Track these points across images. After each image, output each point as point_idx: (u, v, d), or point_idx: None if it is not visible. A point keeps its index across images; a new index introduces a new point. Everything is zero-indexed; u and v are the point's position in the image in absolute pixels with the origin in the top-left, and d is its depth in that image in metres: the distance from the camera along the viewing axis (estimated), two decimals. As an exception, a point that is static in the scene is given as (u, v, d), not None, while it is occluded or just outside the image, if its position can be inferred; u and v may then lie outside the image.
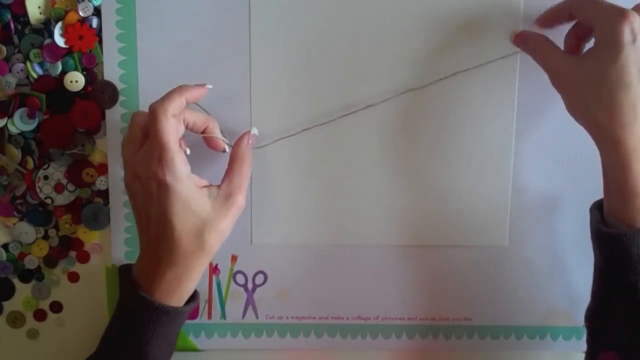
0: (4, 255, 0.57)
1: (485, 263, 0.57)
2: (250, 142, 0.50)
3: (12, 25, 0.53)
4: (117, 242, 0.56)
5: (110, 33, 0.53)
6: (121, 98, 0.54)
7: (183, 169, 0.45)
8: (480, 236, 0.56)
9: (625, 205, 0.44)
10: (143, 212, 0.46)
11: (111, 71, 0.54)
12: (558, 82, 0.47)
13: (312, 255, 0.57)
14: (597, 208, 0.48)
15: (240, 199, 0.47)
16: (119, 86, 0.54)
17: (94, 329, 0.58)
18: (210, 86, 0.49)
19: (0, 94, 0.54)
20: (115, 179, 0.55)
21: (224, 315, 0.58)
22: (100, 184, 0.56)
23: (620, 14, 0.42)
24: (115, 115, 0.54)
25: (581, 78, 0.44)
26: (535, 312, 0.57)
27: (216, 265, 0.57)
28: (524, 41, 0.51)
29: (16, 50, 0.53)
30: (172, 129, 0.45)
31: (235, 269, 0.57)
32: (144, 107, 0.54)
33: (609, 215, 0.46)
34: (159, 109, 0.45)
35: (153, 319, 0.45)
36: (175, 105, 0.46)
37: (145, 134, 0.47)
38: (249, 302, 0.58)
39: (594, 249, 0.48)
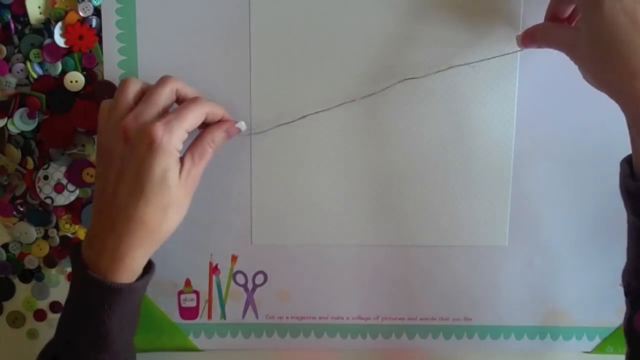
0: (4, 255, 0.57)
1: (485, 263, 0.57)
2: (228, 130, 0.49)
3: (12, 25, 0.53)
4: (117, 242, 0.56)
5: (110, 33, 0.53)
6: (121, 98, 0.54)
7: (179, 142, 0.45)
8: (480, 236, 0.56)
9: None
10: (112, 175, 0.45)
11: (111, 71, 0.54)
12: (571, 56, 0.47)
13: (312, 255, 0.57)
14: (628, 162, 0.45)
15: (198, 175, 0.47)
16: (119, 86, 0.54)
17: (94, 329, 0.58)
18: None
19: (0, 94, 0.54)
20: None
21: (224, 315, 0.58)
22: (100, 184, 0.56)
23: None
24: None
25: (584, 45, 0.44)
26: (535, 312, 0.57)
27: (216, 265, 0.57)
28: (532, 38, 0.50)
29: (16, 50, 0.53)
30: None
31: (235, 269, 0.57)
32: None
33: (638, 168, 0.44)
34: (172, 78, 0.47)
35: (107, 298, 0.44)
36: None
37: (137, 101, 0.47)
38: (249, 302, 0.58)
39: (625, 204, 0.46)
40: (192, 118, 0.46)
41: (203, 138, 0.48)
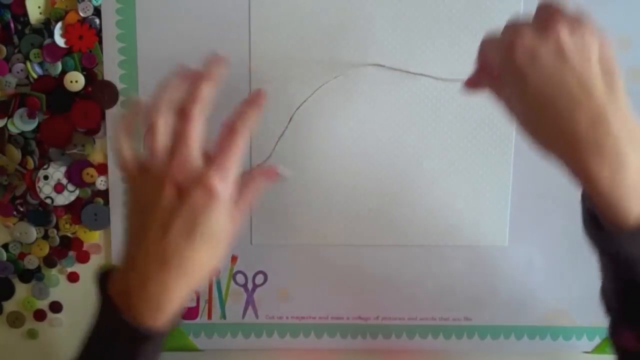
0: (4, 255, 0.57)
1: (485, 263, 0.57)
2: (270, 175, 0.45)
3: (12, 25, 0.53)
4: (117, 242, 0.56)
5: (110, 33, 0.53)
6: (121, 98, 0.54)
7: (232, 187, 0.41)
8: (480, 236, 0.56)
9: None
10: (157, 225, 0.41)
11: (111, 71, 0.54)
12: (509, 113, 0.43)
13: (312, 255, 0.57)
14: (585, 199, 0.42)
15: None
16: (119, 86, 0.54)
17: (94, 329, 0.58)
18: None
19: (0, 94, 0.54)
20: (115, 179, 0.55)
21: (224, 315, 0.58)
22: (100, 184, 0.56)
23: (507, 47, 0.38)
24: (115, 116, 0.54)
25: (514, 109, 0.41)
26: (535, 312, 0.57)
27: (216, 265, 0.57)
28: (474, 85, 0.46)
29: (16, 50, 0.53)
30: None
31: (235, 269, 0.57)
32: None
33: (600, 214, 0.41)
34: (193, 106, 0.42)
35: (136, 342, 0.41)
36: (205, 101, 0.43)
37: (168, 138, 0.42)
38: (249, 302, 0.58)
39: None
40: (239, 157, 0.42)
41: (247, 186, 0.43)
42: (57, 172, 0.55)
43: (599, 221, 0.39)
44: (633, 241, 0.38)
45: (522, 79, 0.38)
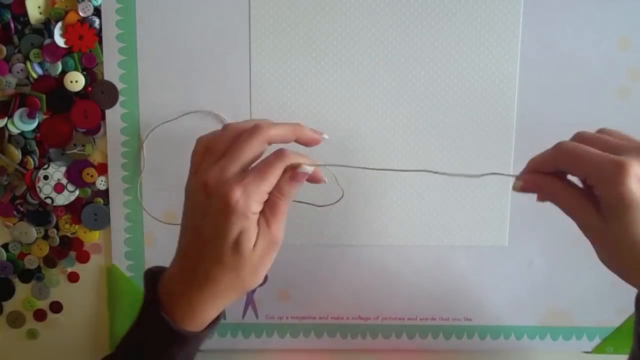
0: (4, 255, 0.57)
1: (485, 263, 0.57)
2: (293, 177, 0.43)
3: (12, 25, 0.53)
4: (117, 242, 0.56)
5: (110, 33, 0.53)
6: (121, 98, 0.54)
7: (258, 205, 0.42)
8: (480, 236, 0.56)
9: None
10: (192, 225, 0.43)
11: (111, 71, 0.54)
12: (588, 235, 0.41)
13: (312, 255, 0.57)
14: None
15: (278, 233, 0.44)
16: (119, 86, 0.54)
17: (93, 329, 0.58)
18: (327, 137, 0.46)
19: (0, 94, 0.54)
20: (115, 179, 0.55)
21: (224, 315, 0.58)
22: (100, 184, 0.56)
23: (618, 167, 0.37)
24: (115, 115, 0.54)
25: (605, 238, 0.39)
26: (535, 312, 0.57)
27: (216, 265, 0.57)
28: (537, 187, 0.43)
29: (16, 50, 0.53)
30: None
31: (235, 269, 0.57)
32: (144, 107, 0.54)
33: None
34: (265, 127, 0.43)
35: (172, 343, 0.43)
36: (280, 138, 0.44)
37: (229, 145, 0.43)
38: (249, 302, 0.58)
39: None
40: (274, 177, 0.42)
41: (269, 194, 0.43)
42: (57, 172, 0.55)
43: None
44: None
45: (627, 212, 0.37)
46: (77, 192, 0.56)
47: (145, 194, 0.56)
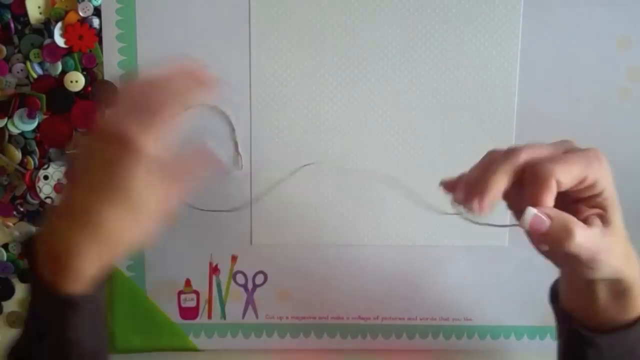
0: (4, 255, 0.57)
1: (485, 263, 0.57)
2: (212, 162, 0.41)
3: (12, 25, 0.53)
4: (117, 242, 0.56)
5: (110, 33, 0.53)
6: (121, 98, 0.54)
7: (154, 140, 0.36)
8: (480, 236, 0.56)
9: None
10: (82, 175, 0.38)
11: (111, 71, 0.54)
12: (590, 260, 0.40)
13: (312, 255, 0.57)
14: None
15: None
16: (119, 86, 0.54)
17: (94, 329, 0.58)
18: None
19: (0, 94, 0.54)
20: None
21: (224, 315, 0.58)
22: (100, 184, 0.55)
23: (598, 156, 0.37)
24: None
25: (615, 250, 0.39)
26: (535, 312, 0.57)
27: (216, 265, 0.57)
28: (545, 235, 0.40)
29: (16, 50, 0.53)
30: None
31: (235, 269, 0.57)
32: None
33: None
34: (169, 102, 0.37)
35: (62, 310, 0.38)
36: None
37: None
38: (249, 302, 0.58)
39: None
40: (170, 120, 0.37)
41: (183, 164, 0.39)
42: (57, 172, 0.55)
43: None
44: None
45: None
46: (77, 192, 0.56)
47: (145, 194, 0.55)
